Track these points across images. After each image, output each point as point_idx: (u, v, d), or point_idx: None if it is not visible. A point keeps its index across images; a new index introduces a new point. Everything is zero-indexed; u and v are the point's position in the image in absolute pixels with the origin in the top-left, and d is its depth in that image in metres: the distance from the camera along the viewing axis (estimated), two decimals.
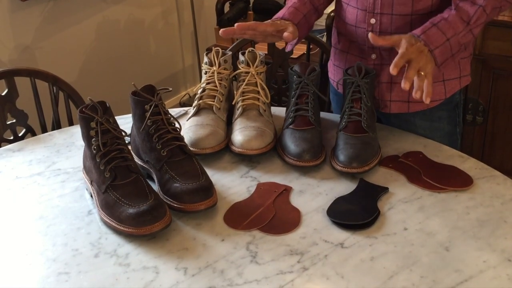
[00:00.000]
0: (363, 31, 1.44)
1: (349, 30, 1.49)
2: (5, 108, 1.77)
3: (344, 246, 1.11)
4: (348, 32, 1.49)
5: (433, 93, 1.44)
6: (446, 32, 1.30)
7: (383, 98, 1.49)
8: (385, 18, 1.40)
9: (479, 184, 1.26)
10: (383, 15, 1.40)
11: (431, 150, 1.39)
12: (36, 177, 1.38)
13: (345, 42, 1.54)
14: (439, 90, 1.47)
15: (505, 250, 1.08)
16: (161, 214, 1.13)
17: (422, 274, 1.03)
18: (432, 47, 1.29)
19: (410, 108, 1.49)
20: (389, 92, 1.48)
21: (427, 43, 1.29)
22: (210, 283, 1.03)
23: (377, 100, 1.50)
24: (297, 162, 1.32)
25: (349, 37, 1.50)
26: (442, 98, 1.48)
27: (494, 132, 2.52)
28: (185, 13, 3.60)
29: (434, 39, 1.29)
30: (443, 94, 1.48)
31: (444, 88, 1.47)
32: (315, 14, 1.53)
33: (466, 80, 1.51)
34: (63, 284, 1.05)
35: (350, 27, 1.48)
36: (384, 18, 1.40)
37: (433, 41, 1.29)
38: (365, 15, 1.42)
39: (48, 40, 2.82)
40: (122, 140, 1.22)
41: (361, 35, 1.45)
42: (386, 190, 1.25)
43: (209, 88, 1.46)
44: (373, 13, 1.41)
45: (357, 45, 1.49)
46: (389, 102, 1.49)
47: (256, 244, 1.12)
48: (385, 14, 1.39)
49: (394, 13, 1.39)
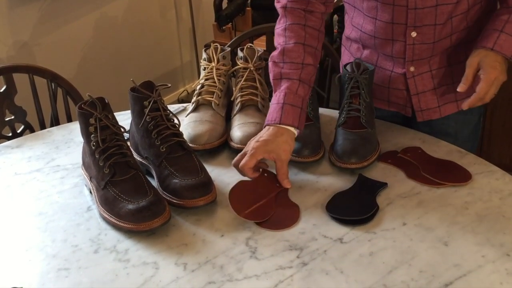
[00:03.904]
0: (401, 44, 1.37)
1: (381, 44, 1.41)
2: (4, 104, 1.77)
3: (343, 241, 1.11)
4: (379, 45, 1.42)
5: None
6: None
7: (430, 107, 1.44)
8: (428, 29, 1.33)
9: (478, 179, 1.26)
10: (425, 27, 1.33)
11: (430, 146, 1.39)
12: (35, 174, 1.38)
13: (373, 54, 1.46)
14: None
15: (503, 245, 1.08)
16: (160, 210, 1.13)
17: (421, 269, 1.03)
18: (509, 55, 1.26)
19: (459, 106, 1.45)
20: (435, 99, 1.44)
21: (504, 53, 1.26)
22: (209, 278, 1.04)
23: (426, 111, 1.45)
24: (296, 157, 1.32)
25: (381, 50, 1.43)
26: None
27: (492, 127, 2.53)
28: (183, 9, 3.60)
29: (507, 46, 1.26)
30: None
31: None
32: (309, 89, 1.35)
33: None
34: (63, 280, 1.05)
35: (384, 41, 1.40)
36: (426, 30, 1.33)
37: (508, 49, 1.26)
38: (404, 28, 1.34)
39: (47, 37, 2.82)
40: (121, 136, 1.22)
41: (398, 49, 1.39)
42: (385, 186, 1.26)
43: (207, 84, 1.46)
44: (414, 26, 1.33)
45: (390, 58, 1.42)
46: (438, 108, 1.44)
47: (255, 240, 1.12)
48: (427, 25, 1.33)
49: (438, 23, 1.33)
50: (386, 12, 1.34)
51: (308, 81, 1.32)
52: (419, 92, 1.43)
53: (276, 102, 1.29)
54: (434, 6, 1.30)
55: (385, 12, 1.34)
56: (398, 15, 1.33)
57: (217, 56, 1.47)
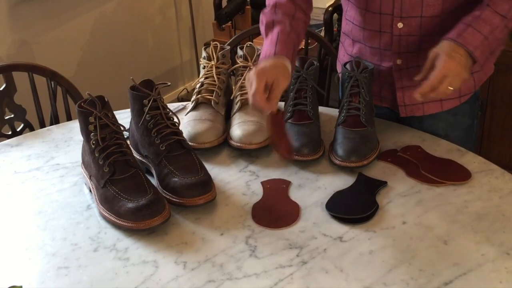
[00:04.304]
0: (388, 35, 1.38)
1: (369, 36, 1.42)
2: (3, 103, 1.77)
3: (343, 240, 1.11)
4: (368, 38, 1.43)
5: (464, 88, 1.43)
6: (482, 30, 1.24)
7: (414, 102, 1.44)
8: (414, 21, 1.34)
9: (478, 178, 1.26)
10: (412, 18, 1.34)
11: (430, 144, 1.39)
12: (35, 172, 1.38)
13: (362, 48, 1.47)
14: (469, 84, 1.43)
15: (503, 244, 1.08)
16: (160, 208, 1.13)
17: (420, 268, 1.03)
18: (472, 48, 1.23)
19: (443, 107, 1.45)
20: None
21: (466, 46, 1.22)
22: (209, 277, 1.04)
23: (409, 106, 1.45)
24: (296, 156, 1.32)
25: (369, 43, 1.44)
26: (472, 91, 1.46)
27: (492, 126, 2.52)
28: (183, 7, 3.59)
29: (472, 40, 1.23)
30: (473, 87, 1.45)
31: (474, 81, 1.44)
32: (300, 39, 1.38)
33: (490, 69, 1.48)
34: (62, 278, 1.05)
35: (372, 33, 1.41)
36: (413, 21, 1.34)
37: (472, 42, 1.23)
38: (391, 19, 1.35)
39: (46, 35, 2.82)
40: (121, 134, 1.22)
41: (385, 41, 1.40)
42: (385, 184, 1.26)
43: (207, 82, 1.46)
44: (400, 17, 1.34)
45: (378, 50, 1.43)
46: (422, 104, 1.44)
47: (255, 238, 1.12)
48: (413, 17, 1.34)
49: (424, 15, 1.33)
50: (374, 2, 1.36)
51: (299, 32, 1.34)
52: (404, 86, 1.43)
53: (269, 42, 1.30)
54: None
55: (373, 2, 1.36)
56: (385, 5, 1.35)
57: (217, 54, 1.47)
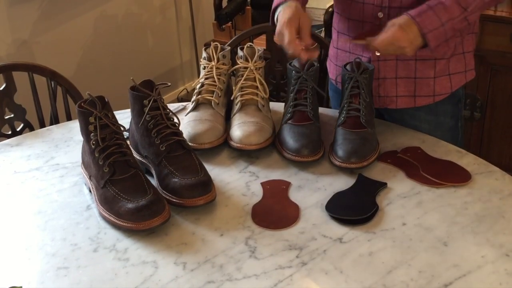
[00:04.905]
0: (370, 26, 1.42)
1: (354, 27, 1.47)
2: (3, 103, 1.77)
3: (342, 241, 1.11)
4: (353, 29, 1.47)
5: (439, 87, 1.46)
6: (441, 16, 1.29)
7: (389, 94, 1.49)
8: (393, 11, 1.38)
9: (477, 179, 1.27)
10: (391, 9, 1.38)
11: (430, 146, 1.39)
12: (35, 172, 1.38)
13: (347, 41, 1.52)
14: (445, 84, 1.47)
15: (503, 245, 1.08)
16: (160, 209, 1.13)
17: (420, 269, 1.03)
18: (426, 30, 1.28)
19: (416, 103, 1.48)
20: (394, 88, 1.47)
21: (421, 27, 1.28)
22: (209, 277, 1.04)
23: (383, 98, 1.49)
24: (296, 157, 1.32)
25: (353, 34, 1.48)
26: (448, 92, 1.48)
27: (491, 127, 2.53)
28: (183, 8, 3.59)
29: (428, 22, 1.28)
30: (449, 88, 1.48)
31: (450, 82, 1.47)
32: None
33: (471, 74, 1.51)
34: (62, 278, 1.05)
35: (356, 24, 1.46)
36: (392, 11, 1.38)
37: (427, 25, 1.28)
38: (373, 9, 1.41)
39: (46, 35, 2.82)
40: (121, 135, 1.22)
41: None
42: (385, 186, 1.26)
43: (207, 83, 1.46)
44: (380, 6, 1.39)
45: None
46: (396, 97, 1.48)
47: (255, 239, 1.12)
48: (393, 7, 1.38)
49: (403, 6, 1.37)
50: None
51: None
52: (380, 77, 1.47)
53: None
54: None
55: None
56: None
57: (217, 55, 1.47)
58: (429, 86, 1.46)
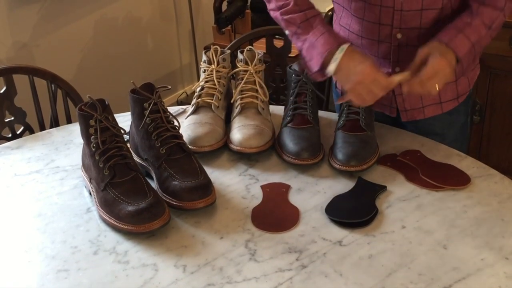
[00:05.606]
0: (387, 45, 1.40)
1: (368, 45, 1.43)
2: (4, 105, 1.77)
3: (342, 244, 1.11)
4: (366, 46, 1.43)
5: (461, 88, 1.46)
6: (471, 38, 1.28)
7: (415, 107, 1.47)
8: (413, 32, 1.35)
9: (477, 182, 1.27)
10: (411, 30, 1.35)
11: (429, 149, 1.40)
12: (35, 175, 1.38)
13: None
14: (464, 83, 1.46)
15: (502, 249, 1.08)
16: (160, 211, 1.13)
17: (420, 272, 1.03)
18: (461, 54, 1.27)
19: (443, 109, 1.48)
20: (419, 100, 1.46)
21: (456, 52, 1.26)
22: (209, 280, 1.04)
23: (410, 111, 1.47)
24: (296, 160, 1.32)
25: (367, 51, 1.44)
26: (467, 90, 1.48)
27: (491, 131, 2.53)
28: (182, 11, 3.60)
29: (461, 46, 1.27)
30: (468, 86, 1.48)
31: (468, 80, 1.47)
32: None
33: (478, 68, 1.51)
34: (62, 281, 1.05)
35: (370, 42, 1.42)
36: (411, 32, 1.35)
37: (461, 49, 1.27)
38: (390, 30, 1.36)
39: (46, 38, 2.82)
40: (121, 138, 1.22)
41: (384, 50, 1.41)
42: (384, 189, 1.26)
43: (207, 86, 1.47)
44: (399, 28, 1.35)
45: (376, 58, 1.43)
46: (423, 108, 1.47)
47: (255, 242, 1.12)
48: (412, 28, 1.35)
49: (423, 27, 1.35)
50: (373, 13, 1.36)
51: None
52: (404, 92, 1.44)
53: (321, 33, 1.29)
54: (419, 10, 1.32)
55: (372, 13, 1.36)
56: (384, 16, 1.35)
57: (217, 58, 1.48)
58: (452, 89, 1.45)
